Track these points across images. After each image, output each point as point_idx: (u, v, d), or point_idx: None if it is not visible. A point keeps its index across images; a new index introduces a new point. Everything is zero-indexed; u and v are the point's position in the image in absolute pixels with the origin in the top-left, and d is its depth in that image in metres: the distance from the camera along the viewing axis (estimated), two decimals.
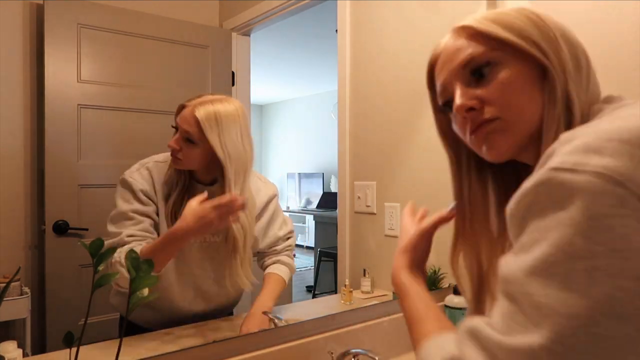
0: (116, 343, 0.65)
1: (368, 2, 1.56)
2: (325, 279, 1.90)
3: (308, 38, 2.18)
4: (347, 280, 1.48)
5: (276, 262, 1.23)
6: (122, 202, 1.05)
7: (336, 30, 1.61)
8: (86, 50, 1.33)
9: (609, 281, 0.36)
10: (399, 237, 0.74)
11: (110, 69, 1.39)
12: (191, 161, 1.07)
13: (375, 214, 1.53)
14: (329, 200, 2.33)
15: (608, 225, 0.37)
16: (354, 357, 1.05)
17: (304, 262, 2.26)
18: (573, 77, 0.54)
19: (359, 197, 1.57)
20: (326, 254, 1.96)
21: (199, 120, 1.02)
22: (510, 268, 0.42)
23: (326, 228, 2.20)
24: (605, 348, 0.36)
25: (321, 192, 2.40)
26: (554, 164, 0.40)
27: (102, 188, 1.31)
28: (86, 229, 1.28)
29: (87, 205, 1.30)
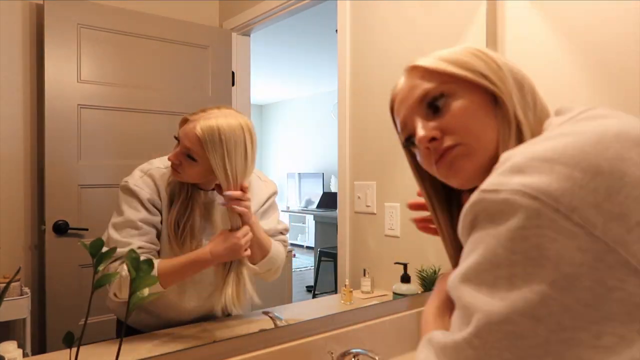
0: (116, 343, 0.65)
1: (368, 2, 1.56)
2: (325, 279, 1.90)
3: (308, 38, 2.18)
4: (347, 280, 1.48)
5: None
6: (130, 210, 1.03)
7: (336, 30, 1.61)
8: (86, 50, 1.33)
9: (526, 286, 0.40)
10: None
11: (110, 69, 1.39)
12: (191, 176, 1.06)
13: (375, 214, 1.53)
14: (329, 200, 2.33)
15: (524, 236, 0.41)
16: (354, 357, 1.05)
17: (304, 262, 2.26)
18: (520, 101, 0.60)
19: (359, 197, 1.57)
20: (326, 254, 1.96)
21: (201, 140, 1.00)
22: (451, 277, 0.48)
23: (326, 228, 2.20)
24: (519, 346, 0.40)
25: (321, 192, 2.41)
26: (483, 185, 0.46)
27: (102, 188, 1.31)
28: (86, 229, 1.28)
29: (87, 205, 1.30)
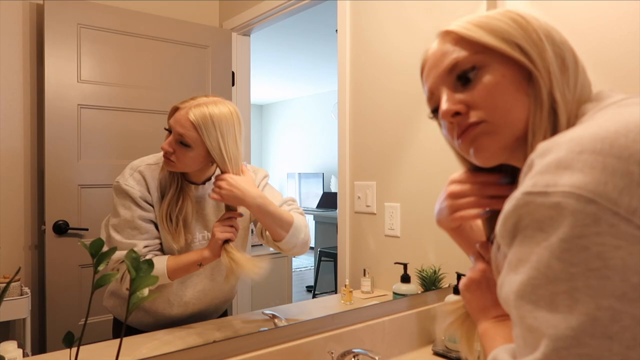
0: (116, 343, 0.65)
1: (368, 2, 1.56)
2: (325, 279, 1.90)
3: (308, 38, 2.18)
4: (347, 280, 1.48)
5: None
6: (125, 211, 1.05)
7: (336, 30, 1.61)
8: (86, 50, 1.33)
9: (591, 301, 0.36)
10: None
11: (110, 69, 1.39)
12: (185, 164, 1.06)
13: (375, 214, 1.53)
14: (329, 200, 2.33)
15: (582, 246, 0.37)
16: (354, 357, 1.05)
17: (304, 262, 2.26)
18: (558, 79, 0.54)
19: (359, 197, 1.57)
20: (326, 254, 1.96)
21: (194, 124, 1.01)
22: (504, 291, 0.44)
23: (326, 228, 2.20)
24: None
25: (321, 192, 2.41)
26: (526, 187, 0.41)
27: (102, 188, 1.31)
28: (86, 229, 1.28)
29: (87, 205, 1.30)
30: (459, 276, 1.21)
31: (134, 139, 1.39)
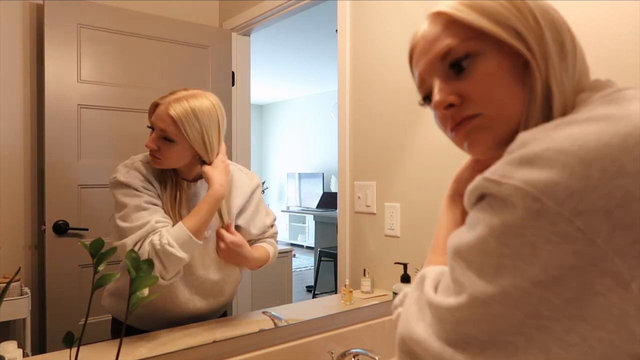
0: (116, 343, 0.65)
1: (368, 2, 1.56)
2: (325, 279, 1.90)
3: (308, 38, 2.18)
4: (347, 280, 1.48)
5: (262, 242, 1.23)
6: (130, 198, 1.02)
7: (336, 30, 1.61)
8: (86, 50, 1.33)
9: (510, 279, 0.41)
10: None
11: (110, 69, 1.39)
12: (172, 160, 1.06)
13: (375, 214, 1.53)
14: (329, 200, 2.33)
15: (519, 234, 0.40)
16: (354, 357, 1.05)
17: (304, 262, 2.27)
18: (556, 67, 0.52)
19: (359, 197, 1.57)
20: (326, 254, 1.96)
21: (175, 119, 1.01)
22: (451, 240, 0.49)
23: (326, 228, 2.21)
24: (495, 323, 0.42)
25: (321, 192, 2.41)
26: (487, 173, 0.44)
27: (102, 188, 1.30)
28: (86, 229, 1.28)
29: (87, 205, 1.30)
30: None
31: (134, 139, 1.39)
